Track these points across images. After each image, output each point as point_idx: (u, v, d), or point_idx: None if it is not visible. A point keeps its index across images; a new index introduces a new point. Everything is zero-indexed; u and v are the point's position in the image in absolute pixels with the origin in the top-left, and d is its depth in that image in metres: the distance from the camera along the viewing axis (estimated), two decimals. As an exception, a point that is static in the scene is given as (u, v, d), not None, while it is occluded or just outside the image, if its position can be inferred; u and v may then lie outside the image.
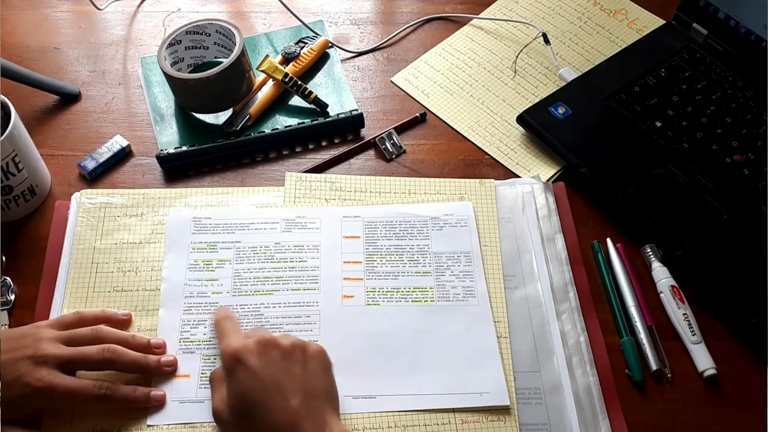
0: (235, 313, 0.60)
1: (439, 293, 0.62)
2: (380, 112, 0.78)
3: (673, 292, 0.62)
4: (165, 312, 0.61)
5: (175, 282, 0.62)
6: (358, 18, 0.88)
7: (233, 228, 0.65)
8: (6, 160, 0.63)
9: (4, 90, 0.71)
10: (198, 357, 0.58)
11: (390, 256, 0.64)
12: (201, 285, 0.62)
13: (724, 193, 0.67)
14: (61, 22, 0.87)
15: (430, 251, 0.65)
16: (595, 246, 0.66)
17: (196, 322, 0.60)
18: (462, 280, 0.63)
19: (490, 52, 0.83)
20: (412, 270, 0.63)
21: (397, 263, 0.64)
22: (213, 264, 0.63)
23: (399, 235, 0.65)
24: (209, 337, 0.59)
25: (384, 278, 0.63)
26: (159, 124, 0.76)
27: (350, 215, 0.66)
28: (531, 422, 0.56)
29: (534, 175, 0.71)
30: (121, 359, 0.55)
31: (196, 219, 0.66)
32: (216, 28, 0.76)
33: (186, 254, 0.64)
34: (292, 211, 0.67)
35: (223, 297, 0.61)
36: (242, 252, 0.64)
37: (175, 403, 0.56)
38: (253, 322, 0.60)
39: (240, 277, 0.63)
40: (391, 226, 0.66)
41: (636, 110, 0.73)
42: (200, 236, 0.65)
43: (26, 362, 0.52)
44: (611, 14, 0.87)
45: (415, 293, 0.62)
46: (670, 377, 0.59)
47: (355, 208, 0.67)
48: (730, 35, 0.76)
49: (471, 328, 0.60)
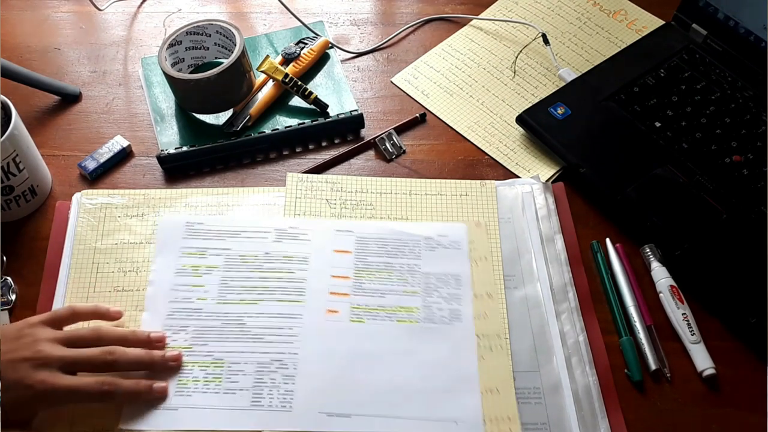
0: (218, 321, 0.60)
1: (425, 314, 0.61)
2: (380, 113, 0.78)
3: (672, 292, 0.62)
4: (148, 316, 0.60)
5: (162, 286, 0.62)
6: (358, 19, 0.88)
7: (224, 235, 0.65)
8: (7, 160, 0.63)
9: (5, 90, 0.71)
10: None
11: (379, 273, 0.63)
12: (187, 290, 0.62)
13: (724, 194, 0.67)
14: (61, 22, 0.88)
15: (420, 271, 0.64)
16: (595, 246, 0.66)
17: (178, 327, 0.60)
18: (449, 303, 0.62)
19: (489, 52, 0.84)
20: (400, 289, 0.62)
21: (385, 281, 0.63)
22: (201, 270, 0.63)
23: (390, 253, 0.64)
24: (190, 343, 0.59)
25: (371, 295, 0.62)
26: (159, 125, 0.77)
27: (343, 229, 0.66)
28: (530, 422, 0.56)
29: (533, 175, 0.71)
30: (123, 359, 0.55)
31: (189, 224, 0.65)
32: (216, 28, 0.77)
33: (176, 258, 0.63)
34: (285, 222, 0.66)
35: (208, 304, 0.61)
36: (231, 260, 0.64)
37: (150, 408, 0.55)
38: (235, 331, 0.60)
39: (227, 285, 0.62)
40: (383, 243, 0.65)
41: (635, 110, 0.74)
42: (191, 241, 0.64)
43: (25, 364, 0.51)
44: (611, 15, 0.87)
45: (401, 312, 0.61)
46: (669, 377, 0.59)
47: (348, 222, 0.66)
48: (729, 36, 0.76)
49: (453, 353, 0.59)
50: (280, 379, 0.57)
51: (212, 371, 0.57)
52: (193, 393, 0.56)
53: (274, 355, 0.58)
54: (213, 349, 0.59)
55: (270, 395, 0.56)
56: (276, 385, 0.57)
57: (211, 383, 0.57)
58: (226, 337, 0.59)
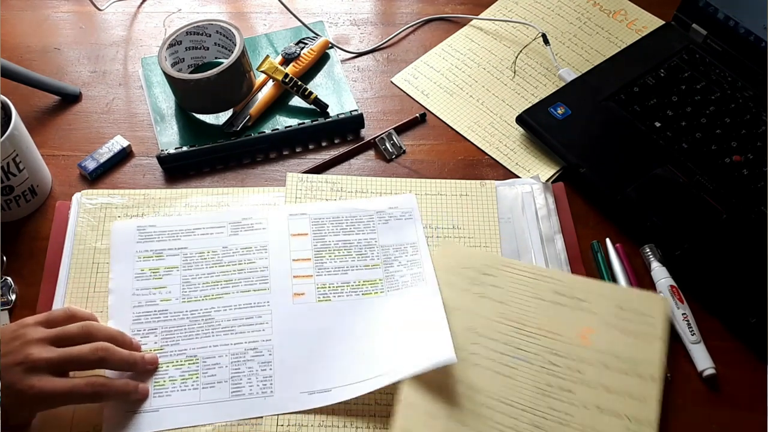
0: (186, 319, 0.60)
1: (389, 284, 0.62)
2: (380, 113, 0.78)
3: (672, 291, 0.62)
4: (114, 324, 0.60)
5: (123, 293, 0.62)
6: (358, 19, 0.88)
7: (179, 234, 0.65)
8: (7, 160, 0.63)
9: (5, 90, 0.71)
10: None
11: (339, 251, 0.64)
12: (149, 293, 0.62)
13: (724, 194, 0.67)
14: (61, 22, 0.88)
15: (378, 244, 0.65)
16: (595, 246, 0.66)
17: (146, 331, 0.60)
18: (410, 269, 0.63)
19: (489, 52, 0.84)
20: (361, 264, 0.64)
21: (345, 258, 0.64)
22: (160, 272, 0.63)
23: (346, 231, 0.66)
24: (161, 345, 0.59)
25: (333, 273, 0.63)
26: (159, 125, 0.77)
27: (297, 213, 0.66)
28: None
29: (533, 175, 0.71)
30: (113, 357, 0.54)
31: (140, 227, 0.65)
32: (216, 28, 0.77)
33: (132, 263, 0.63)
34: (237, 214, 0.66)
35: (173, 304, 0.61)
36: (189, 258, 0.64)
37: (130, 413, 0.55)
38: (204, 327, 0.60)
39: (189, 283, 0.62)
40: (338, 221, 0.66)
41: (635, 110, 0.74)
42: (145, 245, 0.64)
43: (16, 369, 0.51)
44: (611, 15, 0.87)
45: (365, 286, 0.62)
46: (669, 377, 0.59)
47: (301, 206, 0.67)
48: (729, 36, 0.76)
49: (419, 304, 0.60)
50: (257, 366, 0.58)
51: (188, 368, 0.58)
52: (171, 393, 0.57)
53: (248, 345, 0.59)
54: (185, 347, 0.59)
55: (249, 383, 0.57)
56: (254, 373, 0.58)
57: (188, 380, 0.57)
58: (196, 334, 0.60)
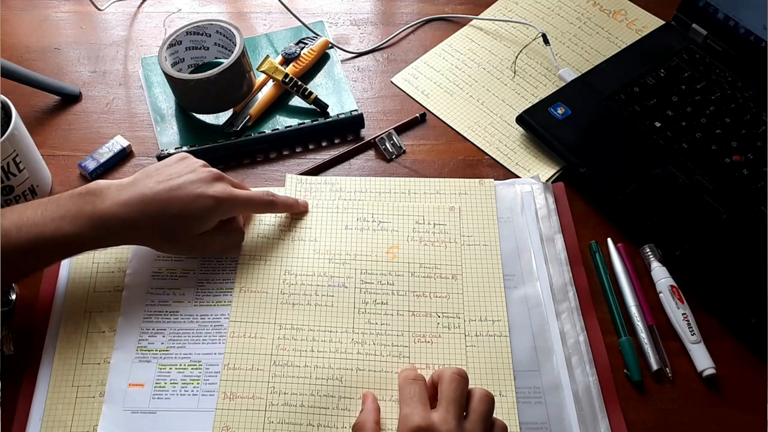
0: (195, 323, 0.60)
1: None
2: (380, 113, 0.78)
3: (672, 292, 0.62)
4: (124, 319, 0.60)
5: (138, 290, 0.62)
6: (358, 19, 0.88)
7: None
8: (7, 160, 0.63)
9: (5, 90, 0.71)
10: (154, 366, 0.58)
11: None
12: (163, 293, 0.62)
13: (724, 194, 0.67)
14: (61, 22, 0.88)
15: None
16: (593, 246, 0.66)
17: (154, 330, 0.60)
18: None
19: (489, 52, 0.84)
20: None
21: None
22: (177, 273, 0.63)
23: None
24: (167, 346, 0.59)
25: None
26: (159, 125, 0.77)
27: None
28: (531, 421, 0.56)
29: (533, 175, 0.71)
30: (278, 201, 0.64)
31: None
32: (216, 28, 0.77)
33: (151, 262, 0.63)
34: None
35: (185, 306, 0.61)
36: (207, 261, 0.64)
37: (128, 412, 0.55)
38: (212, 333, 0.60)
39: (203, 287, 0.62)
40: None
41: (635, 110, 0.74)
42: None
43: (199, 183, 0.58)
44: (611, 15, 0.87)
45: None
46: (671, 377, 0.59)
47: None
48: (729, 36, 0.76)
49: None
50: None
51: (190, 373, 0.58)
52: (171, 396, 0.56)
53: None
54: (190, 351, 0.59)
55: None
56: None
57: (188, 385, 0.57)
58: (203, 339, 0.59)
